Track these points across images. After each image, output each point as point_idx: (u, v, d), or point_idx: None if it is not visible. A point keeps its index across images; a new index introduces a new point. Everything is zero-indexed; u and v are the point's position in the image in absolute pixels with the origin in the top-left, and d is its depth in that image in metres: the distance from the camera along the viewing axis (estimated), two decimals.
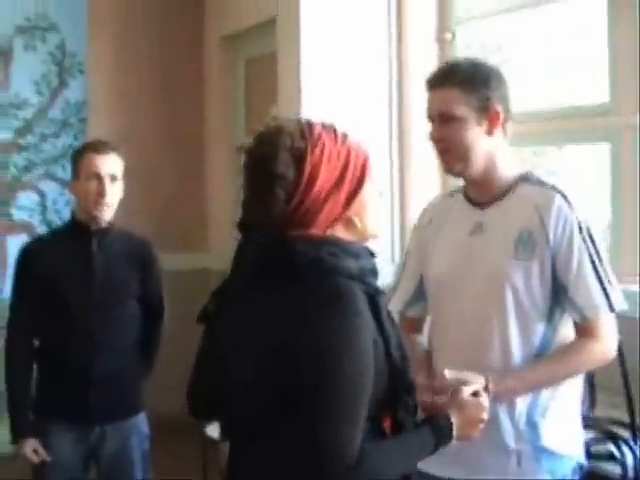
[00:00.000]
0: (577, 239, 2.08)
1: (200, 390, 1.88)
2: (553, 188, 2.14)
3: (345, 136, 1.77)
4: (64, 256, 2.90)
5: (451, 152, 2.16)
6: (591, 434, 2.58)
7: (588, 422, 2.65)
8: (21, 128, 4.95)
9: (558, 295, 2.11)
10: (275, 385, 1.63)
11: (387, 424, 1.74)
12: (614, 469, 2.54)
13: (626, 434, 2.60)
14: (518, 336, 2.11)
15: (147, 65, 5.23)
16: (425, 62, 4.26)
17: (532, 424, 2.13)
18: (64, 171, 5.05)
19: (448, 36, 4.28)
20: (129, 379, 2.92)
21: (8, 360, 2.92)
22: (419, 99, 4.19)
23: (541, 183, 2.17)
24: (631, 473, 2.52)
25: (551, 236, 2.08)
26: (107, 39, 5.11)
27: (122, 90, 5.16)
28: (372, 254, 1.78)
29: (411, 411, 1.74)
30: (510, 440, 2.12)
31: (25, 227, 4.91)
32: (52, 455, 2.89)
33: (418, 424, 1.74)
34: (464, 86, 2.13)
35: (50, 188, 5.03)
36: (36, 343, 2.96)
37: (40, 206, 5.02)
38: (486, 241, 2.17)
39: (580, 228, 2.09)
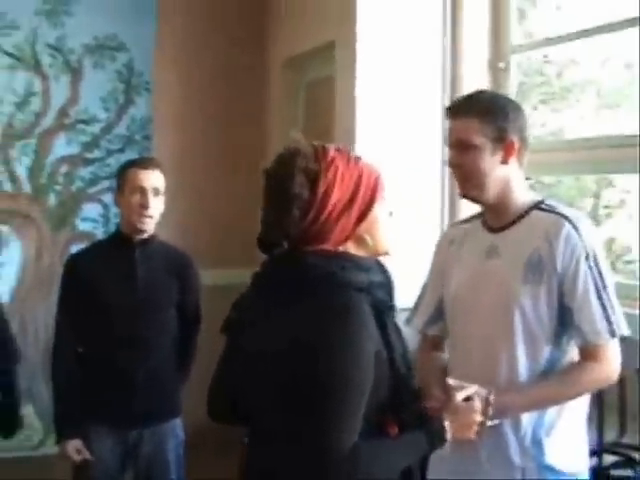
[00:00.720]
0: (583, 266, 2.16)
1: (220, 394, 2.02)
2: (563, 216, 2.22)
3: (358, 159, 1.91)
4: (108, 265, 3.07)
5: (468, 178, 2.27)
6: (611, 458, 2.63)
7: (607, 447, 2.70)
8: (88, 143, 5.16)
9: (564, 319, 2.18)
10: (286, 384, 1.76)
11: (394, 430, 1.83)
12: None
13: None
14: (525, 358, 2.19)
15: (211, 85, 5.40)
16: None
17: (537, 442, 2.20)
18: None
19: (502, 65, 4.34)
20: (168, 384, 3.06)
21: (54, 366, 3.09)
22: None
23: (553, 210, 2.25)
24: None
25: (559, 262, 2.16)
26: (173, 59, 5.29)
27: (186, 109, 5.34)
28: (384, 269, 1.91)
29: (415, 417, 1.84)
30: (515, 456, 2.20)
31: (88, 237, 5.09)
32: (92, 455, 3.04)
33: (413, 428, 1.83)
34: (483, 117, 2.23)
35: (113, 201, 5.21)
36: (80, 349, 3.10)
37: (103, 217, 5.21)
38: (499, 265, 2.26)
39: (587, 256, 2.16)
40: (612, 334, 2.15)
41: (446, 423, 1.85)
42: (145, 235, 3.09)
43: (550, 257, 2.17)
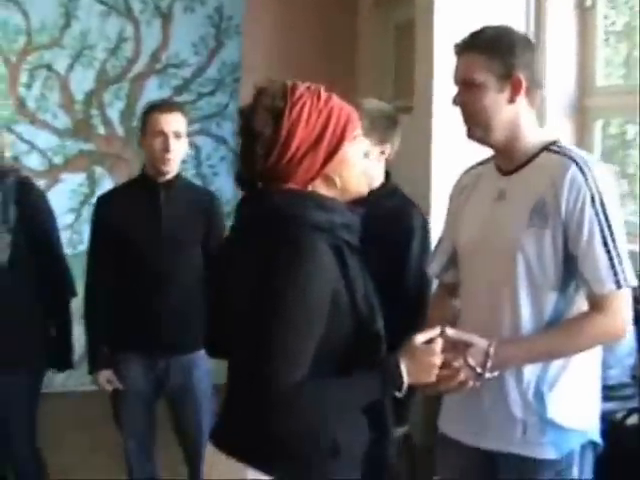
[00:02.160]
0: (589, 211, 2.05)
1: (210, 330, 2.07)
2: (571, 158, 2.11)
3: (330, 97, 1.87)
4: (133, 206, 3.19)
5: (472, 118, 2.18)
6: None
7: None
8: (179, 86, 5.29)
9: (570, 267, 2.09)
10: (244, 321, 1.78)
11: None
12: None
13: None
14: (529, 305, 2.12)
15: (302, 28, 5.40)
16: (564, 31, 4.18)
17: (539, 395, 2.13)
18: (218, 128, 5.39)
19: (588, 3, 4.16)
20: (192, 317, 3.13)
21: (86, 301, 3.25)
22: (557, 71, 4.16)
23: (562, 152, 2.14)
24: None
25: (563, 206, 2.06)
26: (263, 3, 5.32)
27: (276, 52, 5.36)
28: (352, 210, 1.89)
29: (377, 359, 1.83)
30: (517, 410, 2.14)
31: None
32: (125, 384, 3.21)
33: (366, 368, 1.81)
34: (487, 52, 2.13)
35: (205, 143, 5.36)
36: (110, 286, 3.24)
37: (195, 160, 5.35)
38: (505, 209, 2.18)
39: (593, 200, 2.05)
40: (617, 284, 2.04)
41: (402, 366, 1.81)
42: (169, 176, 3.19)
43: (555, 201, 2.07)
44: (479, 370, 2.05)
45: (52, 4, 5.06)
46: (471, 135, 2.22)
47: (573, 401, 2.16)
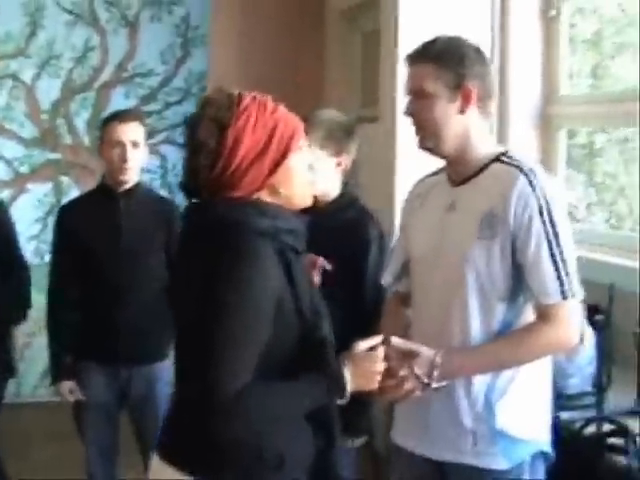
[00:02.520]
0: (536, 222, 2.06)
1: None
2: (519, 168, 2.11)
3: (276, 108, 1.88)
4: (93, 215, 3.20)
5: (423, 128, 2.18)
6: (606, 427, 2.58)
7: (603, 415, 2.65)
8: (146, 96, 5.27)
9: (519, 277, 2.09)
10: (189, 326, 1.80)
11: None
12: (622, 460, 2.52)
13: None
14: (478, 316, 2.12)
15: (268, 38, 5.39)
16: (529, 40, 4.19)
17: (489, 405, 2.13)
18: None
19: (552, 12, 4.18)
20: (154, 327, 3.13)
21: (48, 311, 3.25)
22: (521, 80, 4.17)
23: (511, 163, 2.15)
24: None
25: (511, 217, 2.07)
26: (229, 13, 5.31)
27: (243, 61, 5.34)
28: (298, 217, 1.91)
29: (320, 365, 1.83)
30: (467, 420, 2.14)
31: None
32: (87, 395, 3.20)
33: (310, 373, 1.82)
34: (437, 63, 2.14)
35: (171, 152, 5.33)
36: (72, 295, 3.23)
37: (161, 169, 5.33)
38: (455, 220, 2.18)
39: (540, 210, 2.06)
40: (563, 295, 2.05)
41: (345, 372, 1.81)
42: (128, 185, 3.20)
43: (503, 212, 2.08)
44: (425, 380, 2.06)
45: (17, 13, 5.03)
46: (422, 145, 2.23)
47: (523, 411, 2.17)
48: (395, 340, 2.06)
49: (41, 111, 5.16)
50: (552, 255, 2.06)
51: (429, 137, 2.19)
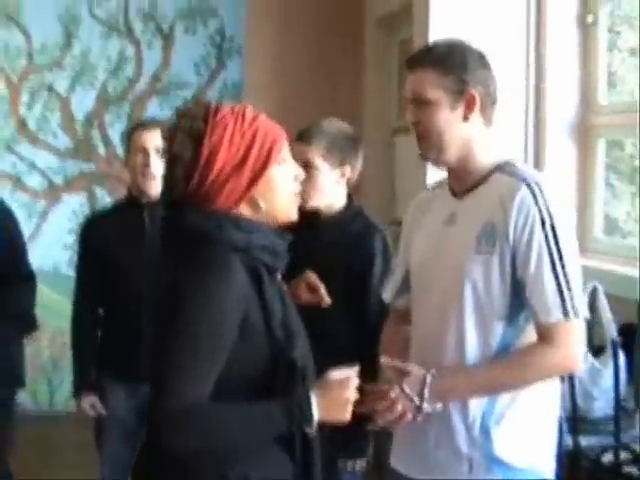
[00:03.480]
0: (538, 235, 1.94)
1: None
2: (522, 179, 2.00)
3: (256, 117, 1.81)
4: (118, 226, 3.16)
5: (425, 137, 2.09)
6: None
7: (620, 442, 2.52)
8: (180, 107, 5.23)
9: (519, 294, 1.98)
10: (155, 337, 1.78)
11: None
12: None
13: None
14: (475, 335, 2.01)
15: (304, 47, 5.33)
16: (566, 48, 4.06)
17: (485, 431, 2.02)
18: None
19: (590, 19, 4.04)
20: None
21: (73, 325, 3.23)
22: (558, 89, 4.04)
23: (512, 173, 2.03)
24: None
25: (511, 230, 1.96)
26: (265, 23, 5.26)
27: (278, 72, 5.29)
28: (279, 234, 1.84)
29: (291, 389, 1.75)
30: (463, 445, 2.03)
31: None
32: (108, 410, 3.16)
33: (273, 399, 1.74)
34: (438, 68, 2.05)
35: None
36: (99, 309, 3.22)
37: None
38: (454, 233, 2.08)
39: (543, 223, 1.94)
40: (565, 314, 1.93)
41: (313, 400, 1.72)
42: (153, 196, 3.12)
43: (503, 225, 1.96)
44: (416, 400, 1.96)
45: (53, 25, 5.07)
46: (424, 156, 2.14)
47: (523, 437, 2.04)
48: (384, 360, 1.99)
49: (76, 122, 5.19)
50: (554, 270, 1.94)
51: (431, 146, 2.09)
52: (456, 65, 2.05)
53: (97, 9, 5.10)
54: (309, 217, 2.87)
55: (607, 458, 2.59)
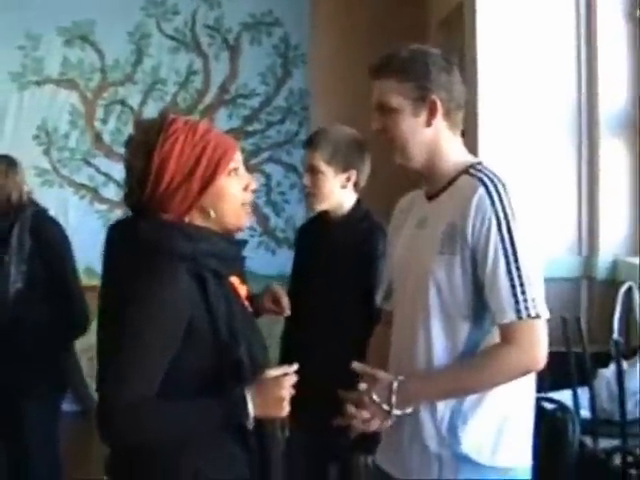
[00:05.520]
0: (494, 237, 1.95)
1: None
2: (480, 180, 2.01)
3: (208, 130, 1.90)
4: None
5: (391, 143, 2.12)
6: None
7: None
8: (249, 116, 5.40)
9: (481, 295, 1.98)
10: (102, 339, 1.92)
11: None
12: None
13: None
14: (442, 336, 2.02)
15: (368, 52, 5.34)
16: (616, 44, 3.99)
17: (453, 429, 2.02)
18: (288, 155, 5.46)
19: (639, 13, 3.95)
20: None
21: None
22: (610, 86, 3.97)
23: (476, 175, 2.04)
24: None
25: (469, 231, 1.97)
26: (328, 30, 5.34)
27: (343, 78, 5.33)
28: (229, 241, 1.93)
29: (234, 387, 1.82)
30: (432, 444, 2.04)
31: (250, 207, 5.36)
32: None
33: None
34: (400, 76, 2.08)
35: (275, 171, 5.44)
36: None
37: (265, 187, 5.43)
38: (424, 235, 2.10)
39: (499, 225, 1.94)
40: (518, 314, 1.92)
41: (248, 397, 1.79)
42: None
43: (462, 226, 1.97)
44: (385, 406, 1.99)
45: (124, 42, 5.31)
46: (394, 160, 2.17)
47: (490, 436, 2.03)
48: (355, 365, 2.01)
49: None
50: (509, 272, 1.94)
51: (398, 152, 2.11)
52: (418, 72, 2.08)
53: (165, 25, 5.31)
54: (322, 222, 2.95)
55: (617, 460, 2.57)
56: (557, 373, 2.10)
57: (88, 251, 4.05)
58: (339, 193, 2.83)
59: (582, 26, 4.09)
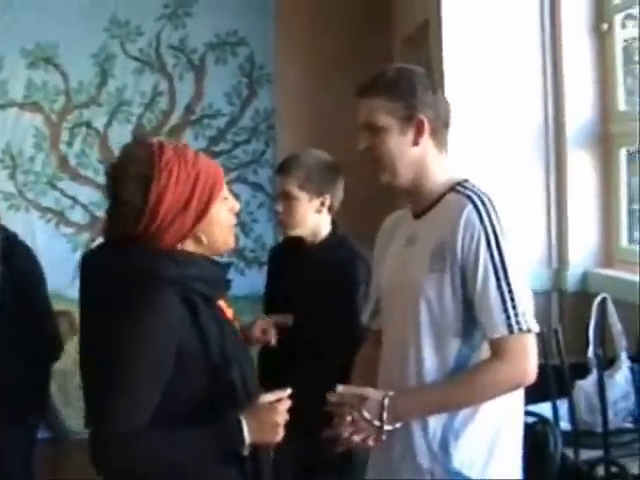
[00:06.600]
0: (483, 253, 1.97)
1: None
2: (468, 197, 2.04)
3: (196, 157, 1.89)
4: None
5: (378, 162, 2.13)
6: None
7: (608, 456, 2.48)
8: (215, 136, 5.38)
9: (472, 311, 2.01)
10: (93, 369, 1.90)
11: None
12: None
13: None
14: (432, 353, 2.04)
15: (333, 71, 5.39)
16: (581, 57, 4.03)
17: (444, 445, 2.04)
18: (255, 175, 5.45)
19: (604, 26, 3.99)
20: None
21: None
22: (575, 98, 4.00)
23: (463, 192, 2.07)
24: None
25: (459, 248, 1.99)
26: (294, 49, 5.34)
27: (309, 96, 5.36)
28: (216, 265, 1.94)
29: (232, 409, 1.82)
30: (424, 459, 2.06)
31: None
32: None
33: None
34: (387, 95, 2.10)
35: (242, 191, 5.39)
36: None
37: None
38: (412, 254, 2.12)
39: (488, 241, 1.97)
40: (510, 329, 1.95)
41: (244, 423, 1.79)
42: None
43: (452, 243, 2.00)
44: (377, 423, 1.99)
45: (89, 64, 5.27)
46: (379, 179, 2.17)
47: (481, 451, 2.05)
48: (341, 388, 2.02)
49: (114, 156, 5.32)
50: (499, 287, 1.97)
51: (384, 171, 2.14)
52: (405, 91, 2.10)
53: (129, 46, 5.28)
54: (295, 245, 2.94)
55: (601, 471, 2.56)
56: (534, 385, 2.10)
57: (55, 275, 3.98)
58: (313, 218, 2.85)
59: (547, 40, 4.13)
